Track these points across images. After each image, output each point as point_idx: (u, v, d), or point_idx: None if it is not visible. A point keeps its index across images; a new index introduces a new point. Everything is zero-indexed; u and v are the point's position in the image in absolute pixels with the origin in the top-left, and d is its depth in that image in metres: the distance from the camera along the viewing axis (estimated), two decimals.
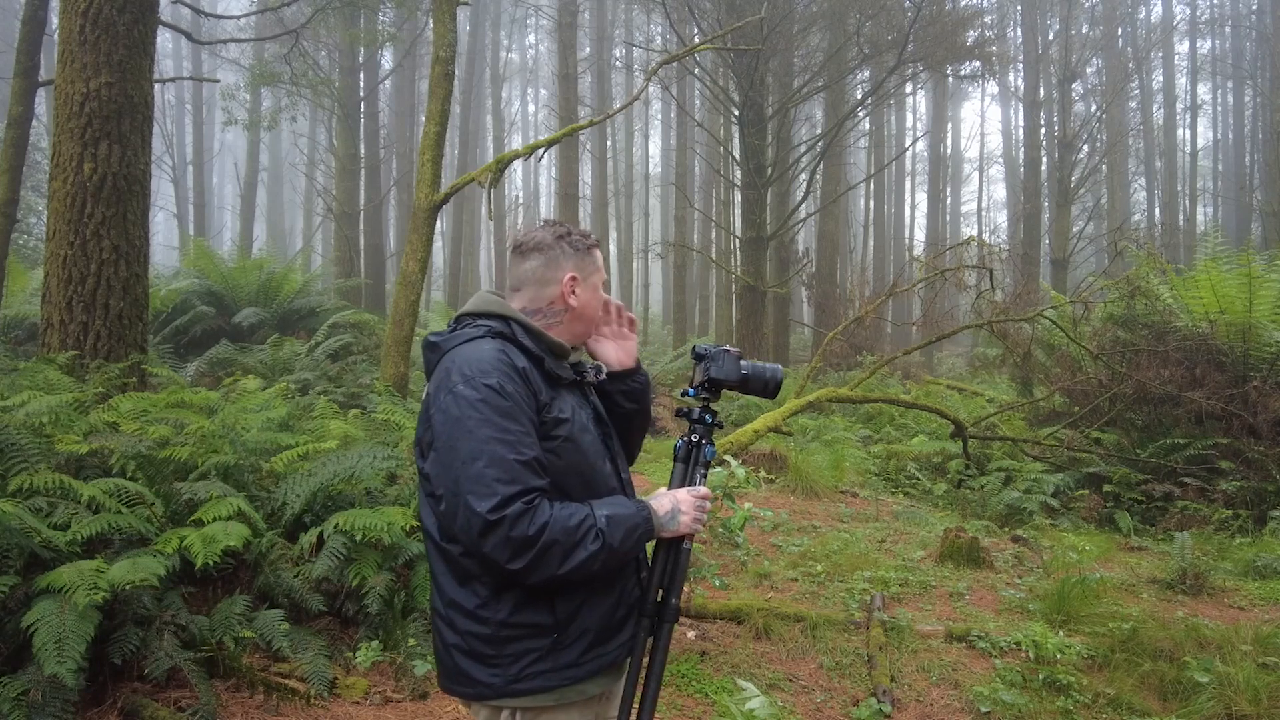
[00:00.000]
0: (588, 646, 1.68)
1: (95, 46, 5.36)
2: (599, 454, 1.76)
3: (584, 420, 1.75)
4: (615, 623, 1.73)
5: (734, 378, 1.90)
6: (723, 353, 1.90)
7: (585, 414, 1.78)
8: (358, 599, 3.67)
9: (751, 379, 1.91)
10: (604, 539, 1.59)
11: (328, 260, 21.96)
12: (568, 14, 19.72)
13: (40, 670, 2.66)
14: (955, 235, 31.63)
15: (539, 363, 1.70)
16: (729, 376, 1.89)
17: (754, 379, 1.91)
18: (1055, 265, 20.40)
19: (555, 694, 1.67)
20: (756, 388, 1.91)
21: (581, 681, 1.68)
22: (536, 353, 1.71)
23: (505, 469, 1.55)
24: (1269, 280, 7.85)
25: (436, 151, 7.71)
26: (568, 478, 1.68)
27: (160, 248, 25.42)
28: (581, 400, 1.80)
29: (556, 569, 1.56)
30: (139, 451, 3.77)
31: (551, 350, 1.76)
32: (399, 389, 7.45)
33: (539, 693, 1.65)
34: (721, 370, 1.89)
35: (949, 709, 3.68)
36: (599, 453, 1.76)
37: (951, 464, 8.87)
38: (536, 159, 18.08)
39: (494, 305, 1.78)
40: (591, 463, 1.72)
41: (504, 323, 1.74)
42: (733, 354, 1.90)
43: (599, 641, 1.70)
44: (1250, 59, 29.96)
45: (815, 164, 15.97)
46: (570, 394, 1.77)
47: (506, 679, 1.63)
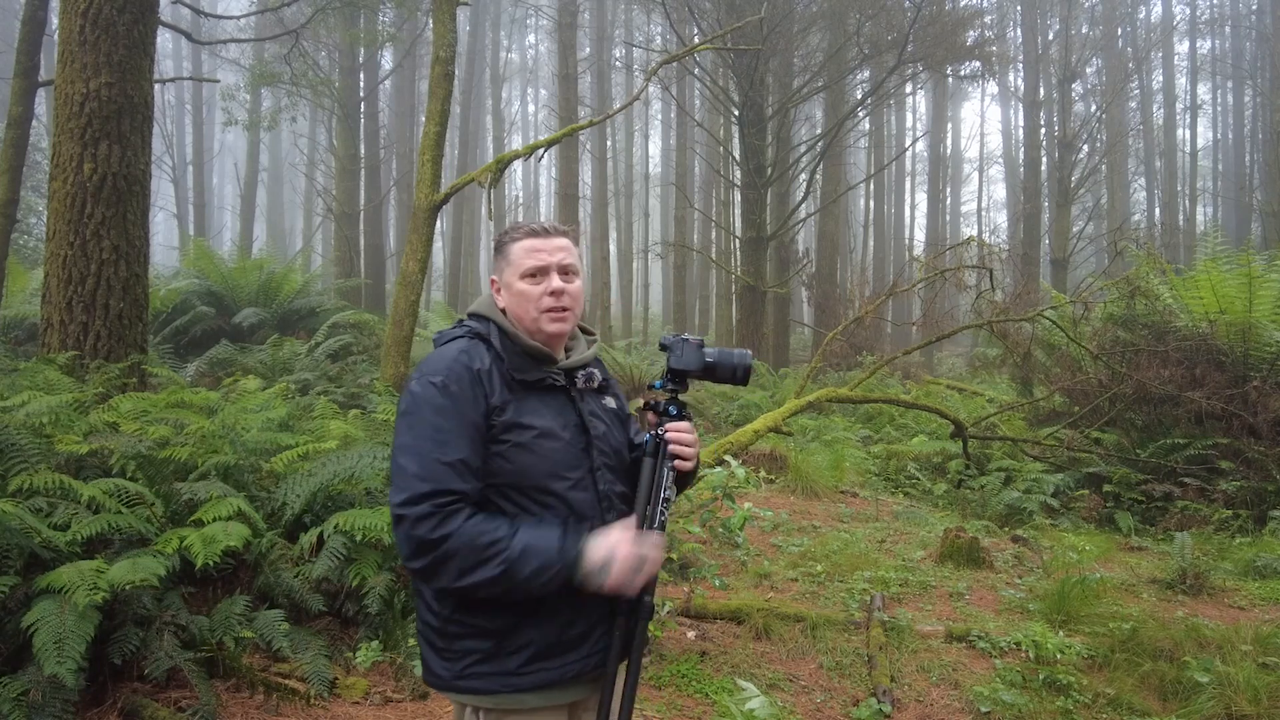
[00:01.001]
0: (529, 659, 1.64)
1: (95, 46, 5.36)
2: (566, 464, 1.68)
3: (553, 427, 1.69)
4: (568, 640, 1.66)
5: (695, 366, 1.83)
6: (682, 342, 1.85)
7: (560, 421, 1.71)
8: (358, 599, 3.67)
9: (719, 366, 1.84)
10: (509, 568, 1.53)
11: (328, 260, 21.96)
12: (568, 14, 19.71)
13: (40, 670, 2.66)
14: (955, 235, 31.64)
15: (501, 364, 1.70)
16: (690, 366, 1.83)
17: (721, 366, 1.84)
18: (1055, 265, 20.40)
19: (494, 698, 1.65)
20: (725, 375, 1.86)
21: (523, 692, 1.64)
22: (501, 354, 1.70)
23: (424, 466, 1.56)
24: (1269, 280, 7.85)
25: (436, 151, 7.71)
26: (519, 482, 1.65)
27: (160, 248, 25.42)
28: (562, 406, 1.74)
29: (453, 581, 1.54)
30: (139, 452, 3.77)
31: (526, 353, 1.73)
32: (399, 389, 7.44)
33: (480, 694, 1.65)
34: (681, 360, 1.83)
35: (949, 709, 3.68)
36: (566, 462, 1.69)
37: (951, 464, 8.87)
38: (536, 159, 18.08)
39: (484, 306, 1.81)
40: (549, 470, 1.66)
41: (484, 323, 1.77)
42: (693, 342, 1.85)
43: (543, 656, 1.64)
44: (1250, 59, 29.96)
45: (815, 164, 15.97)
46: (545, 398, 1.72)
47: (453, 673, 1.66)
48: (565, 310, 1.74)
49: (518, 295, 1.74)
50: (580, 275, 1.81)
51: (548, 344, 1.76)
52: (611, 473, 1.77)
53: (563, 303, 1.73)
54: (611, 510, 1.74)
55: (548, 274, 1.73)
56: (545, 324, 1.73)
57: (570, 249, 1.78)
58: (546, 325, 1.73)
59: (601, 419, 1.80)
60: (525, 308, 1.74)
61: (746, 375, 1.86)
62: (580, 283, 1.80)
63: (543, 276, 1.73)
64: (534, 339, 1.75)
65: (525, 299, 1.73)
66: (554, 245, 1.75)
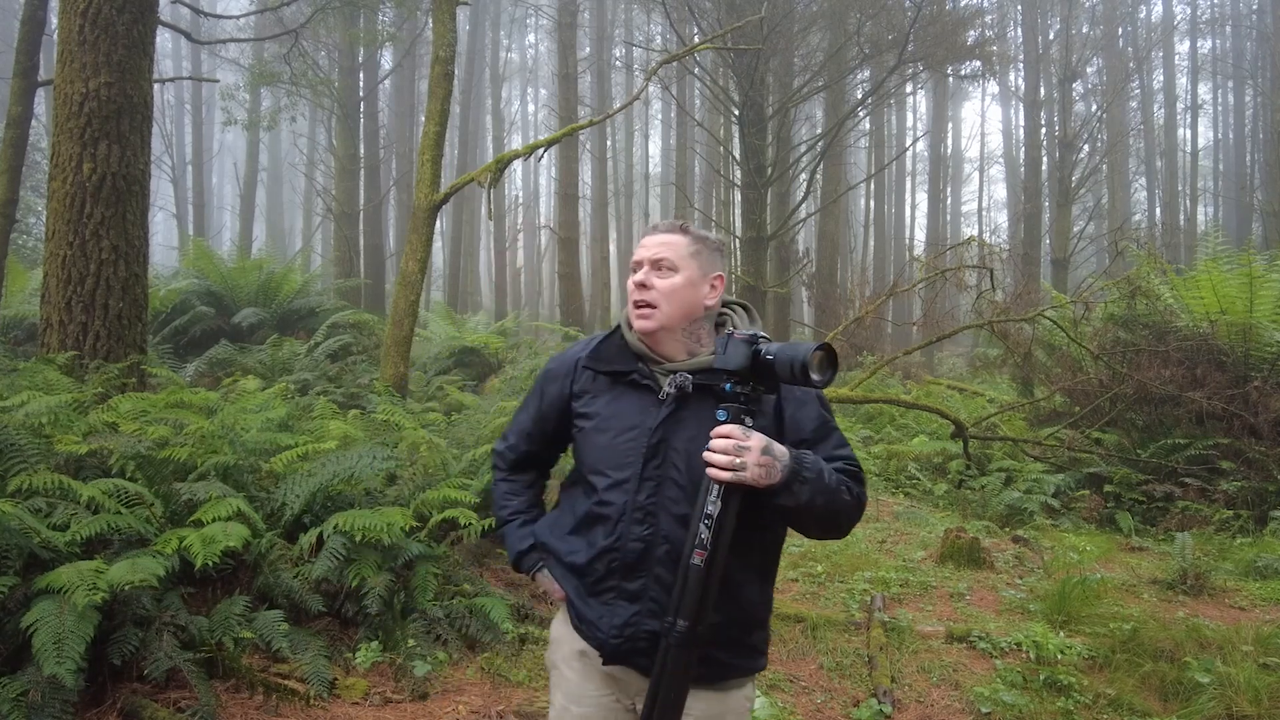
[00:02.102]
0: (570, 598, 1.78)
1: (94, 46, 5.36)
2: (611, 461, 1.69)
3: (611, 423, 1.71)
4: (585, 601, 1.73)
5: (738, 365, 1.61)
6: (727, 338, 1.64)
7: (628, 420, 1.69)
8: (357, 599, 3.66)
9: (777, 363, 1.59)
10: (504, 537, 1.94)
11: (327, 260, 21.95)
12: (568, 14, 19.71)
13: (40, 671, 2.65)
14: (955, 235, 31.64)
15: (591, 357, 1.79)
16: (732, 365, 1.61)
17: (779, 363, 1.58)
18: (1056, 265, 20.39)
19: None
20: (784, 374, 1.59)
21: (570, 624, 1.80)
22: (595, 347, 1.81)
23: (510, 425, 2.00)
24: (1270, 280, 7.84)
25: (436, 151, 7.71)
26: (579, 465, 1.80)
27: (160, 248, 25.41)
28: (641, 406, 1.69)
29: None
30: (138, 452, 3.77)
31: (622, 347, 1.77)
32: (398, 389, 7.43)
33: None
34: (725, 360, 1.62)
35: (949, 710, 3.67)
36: (612, 461, 1.69)
37: (952, 464, 8.86)
38: (536, 159, 18.07)
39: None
40: (593, 463, 1.72)
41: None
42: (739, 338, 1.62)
43: (577, 599, 1.75)
44: (1250, 59, 29.95)
45: (815, 164, 15.96)
46: (627, 394, 1.72)
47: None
48: (648, 306, 1.69)
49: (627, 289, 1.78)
50: (682, 272, 1.70)
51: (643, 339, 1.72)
52: (679, 489, 1.65)
53: (645, 297, 1.69)
54: (644, 525, 1.65)
55: (640, 267, 1.72)
56: (634, 319, 1.72)
57: (672, 244, 1.71)
58: (634, 320, 1.72)
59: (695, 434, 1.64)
60: (629, 302, 1.76)
61: (808, 374, 1.53)
62: (680, 279, 1.69)
63: (636, 269, 1.73)
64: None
65: (629, 293, 1.76)
66: (656, 240, 1.73)
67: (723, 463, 1.51)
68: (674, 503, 1.65)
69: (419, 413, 6.66)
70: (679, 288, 1.69)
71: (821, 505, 1.58)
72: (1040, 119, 22.08)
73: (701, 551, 1.52)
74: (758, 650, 1.76)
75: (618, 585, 1.68)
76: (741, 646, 1.72)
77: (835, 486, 1.60)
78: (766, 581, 1.76)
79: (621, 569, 1.67)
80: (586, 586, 1.72)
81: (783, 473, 1.54)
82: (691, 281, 1.71)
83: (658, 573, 1.64)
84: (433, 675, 3.55)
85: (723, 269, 1.78)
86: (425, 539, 4.14)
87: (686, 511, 1.63)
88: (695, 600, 1.52)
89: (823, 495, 1.57)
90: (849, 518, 1.66)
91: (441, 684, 3.54)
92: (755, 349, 1.57)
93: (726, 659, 1.70)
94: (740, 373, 1.58)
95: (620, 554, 1.67)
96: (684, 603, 1.52)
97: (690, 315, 1.71)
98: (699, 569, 1.53)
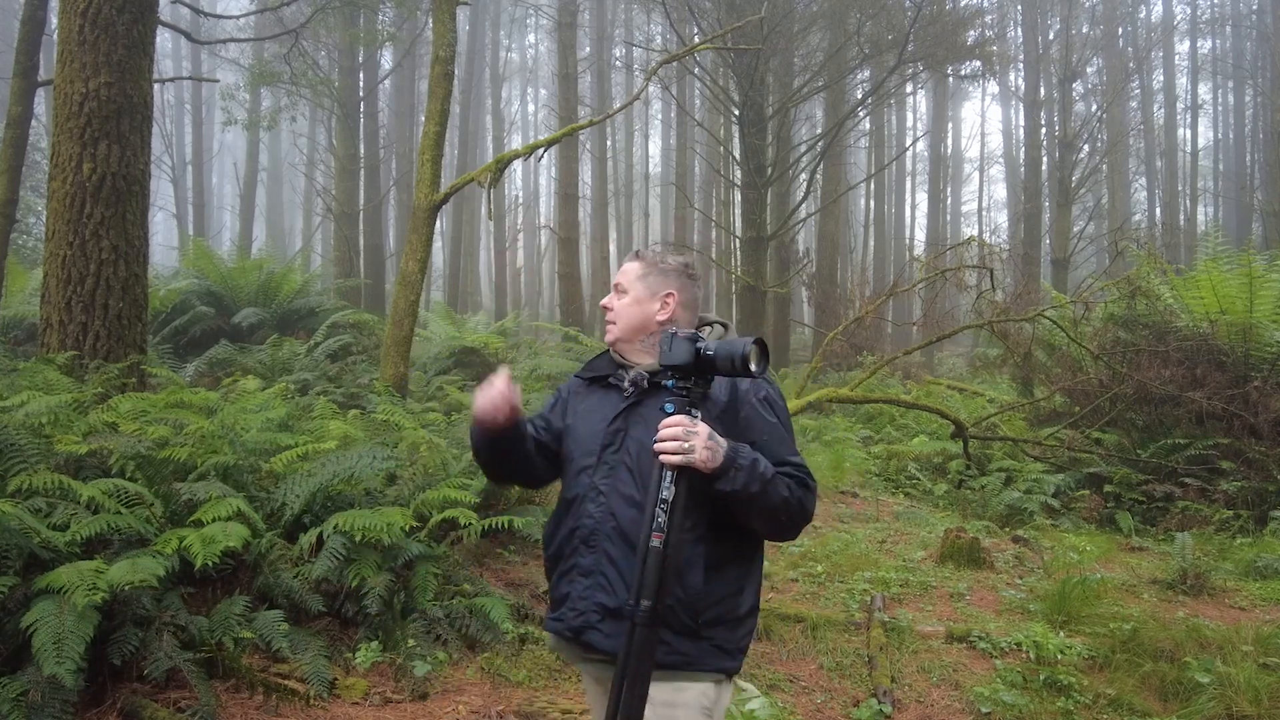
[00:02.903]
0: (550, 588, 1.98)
1: (94, 46, 5.35)
2: (583, 451, 1.93)
3: (587, 420, 1.96)
4: (555, 585, 1.93)
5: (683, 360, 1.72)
6: (670, 335, 1.75)
7: (598, 415, 1.94)
8: (357, 599, 3.66)
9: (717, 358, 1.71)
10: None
11: (327, 260, 21.94)
12: (568, 14, 19.70)
13: (39, 671, 2.65)
14: (956, 235, 31.62)
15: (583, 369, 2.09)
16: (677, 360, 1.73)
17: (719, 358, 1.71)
18: (1056, 265, 20.39)
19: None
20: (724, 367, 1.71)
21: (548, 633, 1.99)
22: (589, 362, 2.09)
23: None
24: (1270, 280, 7.84)
25: (436, 151, 7.70)
26: (564, 462, 2.01)
27: (160, 248, 25.40)
28: (609, 403, 1.95)
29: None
30: (138, 452, 3.76)
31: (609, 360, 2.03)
32: (398, 389, 7.43)
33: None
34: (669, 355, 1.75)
35: (949, 710, 3.67)
36: (584, 450, 1.93)
37: (952, 464, 8.87)
38: (536, 159, 18.09)
39: None
40: (570, 453, 1.98)
41: None
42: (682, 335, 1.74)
43: (551, 587, 1.95)
44: (1250, 59, 29.94)
45: (815, 164, 15.96)
46: (602, 394, 1.98)
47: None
48: (610, 322, 2.00)
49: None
50: (630, 292, 1.98)
51: (614, 349, 2.01)
52: (629, 473, 1.85)
53: (607, 315, 2.01)
54: (596, 503, 1.86)
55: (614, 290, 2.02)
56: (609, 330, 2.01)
57: (627, 270, 2.01)
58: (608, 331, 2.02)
59: (649, 425, 1.79)
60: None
61: (746, 365, 1.69)
62: (629, 298, 1.97)
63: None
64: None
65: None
66: (622, 269, 2.03)
67: (672, 448, 1.66)
68: (624, 484, 1.84)
69: (419, 413, 6.66)
70: (627, 305, 1.97)
71: (757, 494, 1.72)
72: (1040, 119, 22.08)
73: (659, 534, 1.65)
74: (720, 649, 1.82)
75: (575, 562, 1.87)
76: (696, 638, 1.79)
77: (771, 478, 1.74)
78: (717, 571, 1.82)
79: (579, 545, 1.87)
80: (557, 568, 1.93)
81: (722, 457, 1.69)
82: (638, 299, 1.97)
83: (605, 548, 1.83)
84: (433, 675, 3.55)
85: (675, 287, 1.97)
86: (425, 539, 4.14)
87: (634, 494, 1.82)
88: (655, 580, 1.63)
89: (757, 484, 1.71)
90: (790, 516, 1.78)
91: (441, 684, 3.54)
92: (696, 346, 1.73)
93: (676, 645, 1.77)
94: (683, 367, 1.73)
95: (578, 530, 1.87)
96: (645, 583, 1.64)
97: (643, 328, 1.97)
98: (658, 550, 1.64)
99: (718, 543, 1.82)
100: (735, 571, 1.87)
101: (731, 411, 1.85)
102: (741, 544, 1.87)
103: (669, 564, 1.65)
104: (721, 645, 1.82)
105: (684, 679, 1.80)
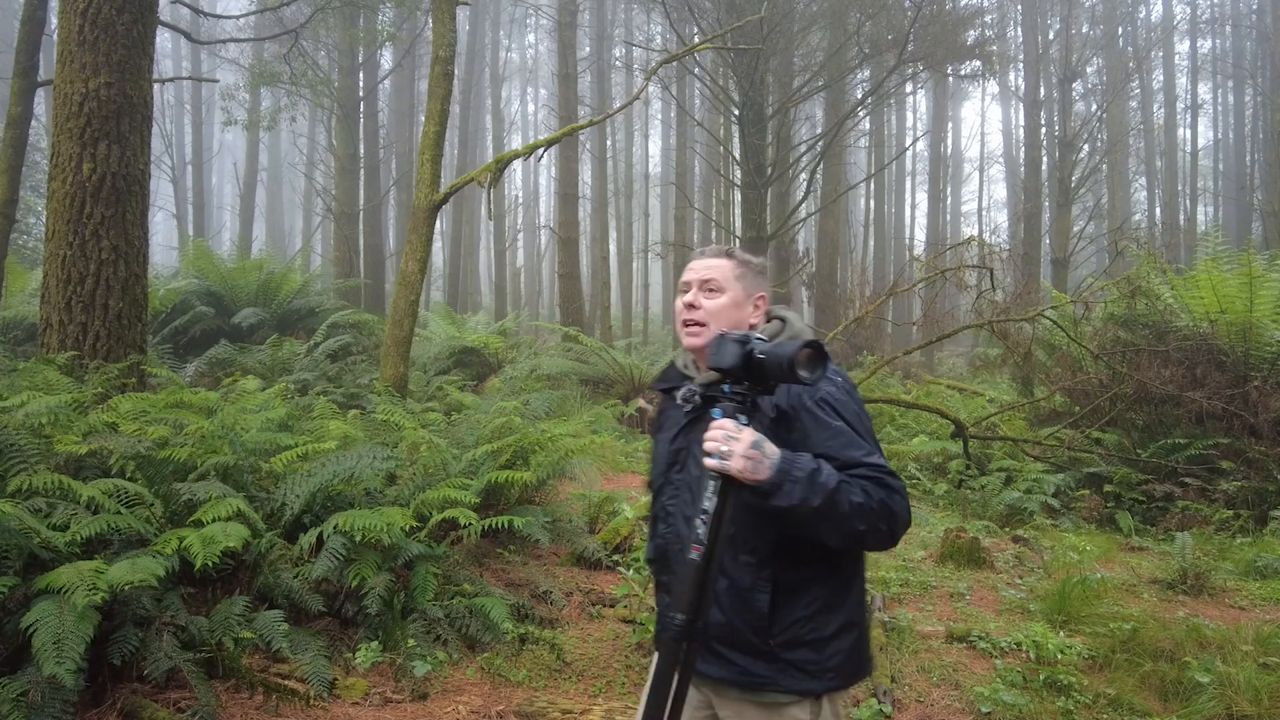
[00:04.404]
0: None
1: (94, 46, 5.36)
2: (656, 470, 1.92)
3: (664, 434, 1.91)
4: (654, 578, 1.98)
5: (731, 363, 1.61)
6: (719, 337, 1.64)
7: (670, 431, 1.89)
8: (357, 600, 3.66)
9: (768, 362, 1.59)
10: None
11: (327, 260, 21.95)
12: (567, 14, 19.70)
13: (39, 671, 2.65)
14: (955, 235, 31.64)
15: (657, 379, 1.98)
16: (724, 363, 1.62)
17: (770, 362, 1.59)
18: (1056, 265, 20.39)
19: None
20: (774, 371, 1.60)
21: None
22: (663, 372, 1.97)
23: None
24: (1269, 280, 7.84)
25: (436, 151, 7.71)
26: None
27: (160, 248, 25.41)
28: (677, 415, 1.87)
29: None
30: (138, 452, 3.76)
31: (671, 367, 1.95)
32: (398, 389, 7.44)
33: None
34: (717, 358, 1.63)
35: (950, 709, 3.67)
36: (657, 469, 1.91)
37: (952, 464, 8.86)
38: (536, 159, 18.06)
39: None
40: (652, 464, 1.95)
41: None
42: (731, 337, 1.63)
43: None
44: (1250, 58, 29.94)
45: (815, 164, 15.96)
46: (672, 407, 1.90)
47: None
48: (697, 325, 1.81)
49: (676, 309, 1.89)
50: (728, 293, 1.82)
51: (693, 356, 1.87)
52: (690, 493, 1.78)
53: (694, 316, 1.81)
54: (666, 524, 1.84)
55: (689, 288, 1.84)
56: (683, 336, 1.84)
57: (719, 267, 1.83)
58: (683, 338, 1.84)
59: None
60: (676, 320, 1.89)
61: (795, 371, 1.55)
62: (725, 299, 1.81)
63: (685, 290, 1.84)
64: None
65: (676, 312, 1.88)
66: (705, 264, 1.85)
67: (710, 449, 1.56)
68: (686, 505, 1.79)
69: (419, 413, 6.66)
70: (725, 307, 1.81)
71: (822, 507, 1.55)
72: (1040, 119, 22.07)
73: (698, 547, 1.55)
74: (801, 670, 1.70)
75: (658, 579, 1.91)
76: (773, 660, 1.69)
77: (835, 487, 1.57)
78: (791, 595, 1.71)
79: (658, 563, 1.88)
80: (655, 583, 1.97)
81: (772, 471, 1.55)
82: (736, 302, 1.83)
83: (676, 569, 1.73)
84: (433, 675, 3.55)
85: (766, 289, 1.90)
86: (425, 539, 4.14)
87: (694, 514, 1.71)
88: (690, 594, 1.55)
89: (820, 496, 1.55)
90: (871, 523, 1.60)
91: (441, 684, 3.54)
92: (748, 349, 1.59)
93: (749, 666, 1.70)
94: (734, 371, 1.59)
95: (655, 550, 1.89)
96: (680, 596, 1.57)
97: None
98: (694, 563, 1.55)
99: (791, 567, 1.69)
100: (819, 591, 1.72)
101: (786, 422, 1.69)
102: (822, 563, 1.71)
103: (708, 578, 1.55)
104: (803, 667, 1.70)
105: (770, 702, 1.72)
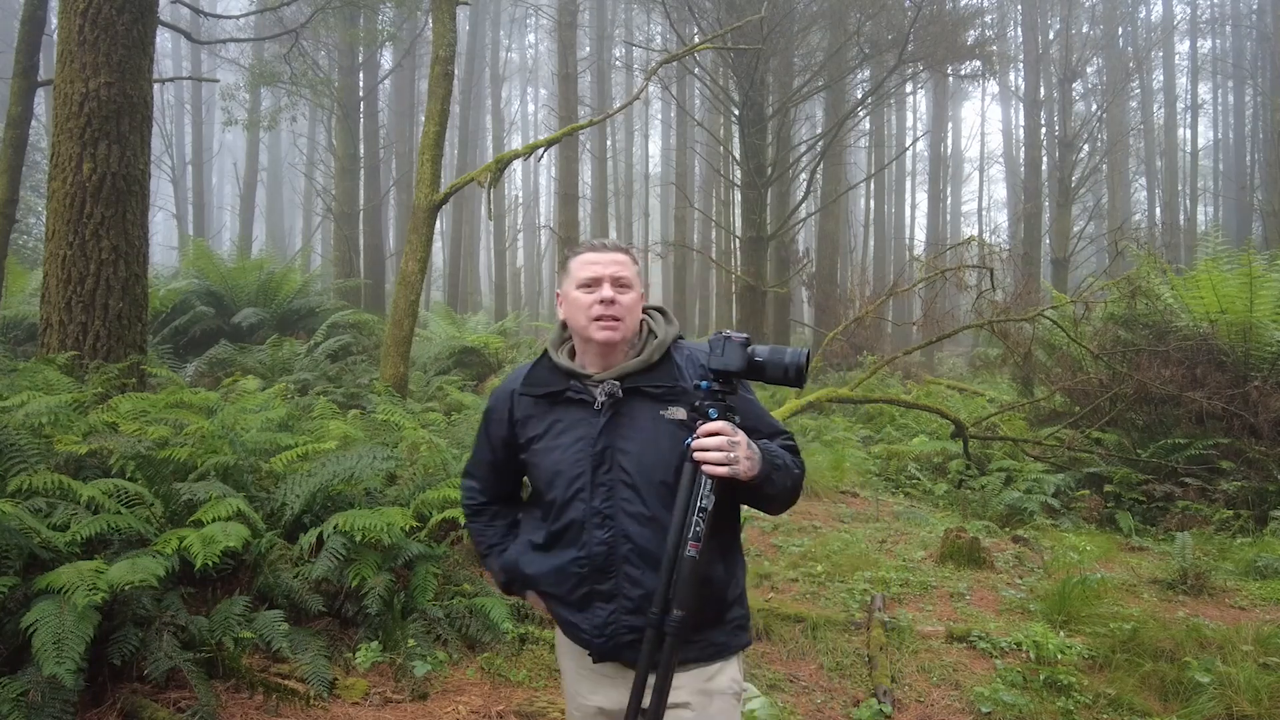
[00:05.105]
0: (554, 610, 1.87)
1: (94, 46, 5.35)
2: (564, 476, 1.79)
3: (563, 439, 1.80)
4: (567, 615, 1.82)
5: (737, 366, 1.71)
6: (723, 340, 1.73)
7: (572, 434, 1.80)
8: (357, 600, 3.66)
9: (768, 365, 1.73)
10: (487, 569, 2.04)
11: (327, 260, 21.95)
12: (568, 14, 19.70)
13: (39, 671, 2.65)
14: (956, 235, 31.64)
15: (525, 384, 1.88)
16: (731, 365, 1.71)
17: (771, 365, 1.72)
18: (1056, 265, 20.40)
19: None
20: (775, 375, 1.73)
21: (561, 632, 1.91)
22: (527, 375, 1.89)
23: (469, 462, 2.09)
24: (1269, 280, 7.84)
25: (436, 151, 7.71)
26: (534, 487, 1.90)
27: (160, 248, 25.41)
28: (582, 418, 1.80)
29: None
30: (138, 452, 3.76)
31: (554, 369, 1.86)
32: (398, 389, 7.44)
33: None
34: (723, 360, 1.72)
35: (950, 709, 3.67)
36: (565, 474, 1.79)
37: (952, 464, 8.86)
38: (536, 159, 18.06)
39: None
40: (547, 480, 1.82)
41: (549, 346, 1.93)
42: (736, 340, 1.72)
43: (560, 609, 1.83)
44: (1250, 59, 29.96)
45: (815, 164, 15.96)
46: (568, 410, 1.82)
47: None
48: (614, 320, 1.79)
49: (573, 304, 1.82)
50: (635, 289, 1.83)
51: (599, 353, 1.81)
52: (631, 490, 1.75)
53: (613, 311, 1.79)
54: (607, 528, 1.75)
55: (600, 284, 1.80)
56: (594, 331, 1.78)
57: (626, 264, 1.84)
58: (595, 333, 1.78)
59: (636, 435, 1.76)
60: (578, 316, 1.81)
61: (800, 375, 1.70)
62: (634, 295, 1.82)
63: (595, 286, 1.81)
64: (586, 347, 1.83)
65: (578, 307, 1.81)
66: (609, 258, 1.83)
67: (717, 458, 1.62)
68: (628, 503, 1.75)
69: (419, 413, 6.66)
70: (635, 303, 1.83)
71: (789, 487, 1.77)
72: (1040, 119, 22.08)
73: (696, 544, 1.61)
74: (740, 626, 1.85)
75: (591, 589, 1.77)
76: (725, 624, 1.82)
77: (790, 466, 1.77)
78: (729, 559, 1.84)
79: (592, 574, 1.77)
80: (564, 596, 1.81)
81: (760, 464, 1.68)
82: (641, 296, 1.87)
83: (626, 570, 1.74)
84: (433, 675, 3.55)
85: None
86: (425, 539, 4.14)
87: (643, 510, 1.74)
88: (692, 590, 1.61)
89: (789, 478, 1.76)
90: (797, 492, 1.82)
91: (441, 684, 3.54)
92: (749, 351, 1.70)
93: (711, 637, 1.79)
94: (739, 373, 1.69)
95: (589, 560, 1.76)
96: (680, 593, 1.61)
97: (637, 327, 1.87)
98: (694, 560, 1.61)
99: (725, 530, 1.81)
100: (737, 551, 1.88)
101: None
102: (735, 521, 1.87)
103: (699, 571, 1.63)
104: (740, 624, 1.85)
105: (719, 664, 1.81)
